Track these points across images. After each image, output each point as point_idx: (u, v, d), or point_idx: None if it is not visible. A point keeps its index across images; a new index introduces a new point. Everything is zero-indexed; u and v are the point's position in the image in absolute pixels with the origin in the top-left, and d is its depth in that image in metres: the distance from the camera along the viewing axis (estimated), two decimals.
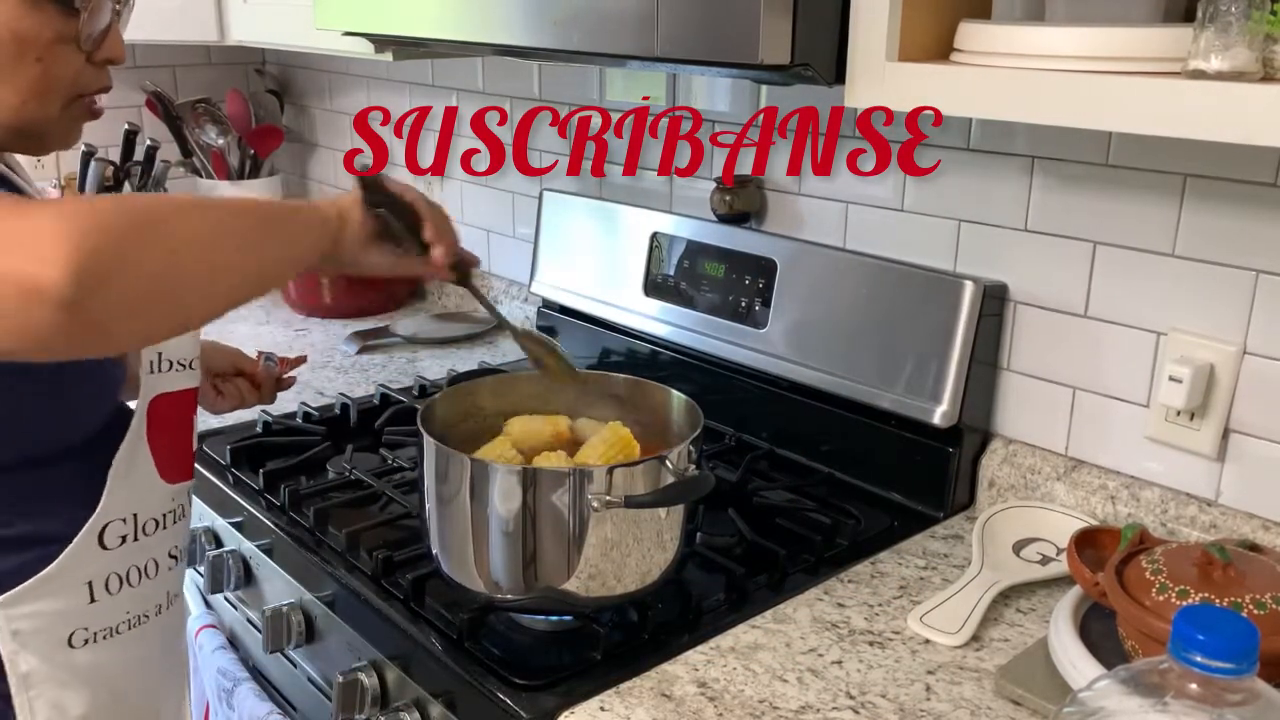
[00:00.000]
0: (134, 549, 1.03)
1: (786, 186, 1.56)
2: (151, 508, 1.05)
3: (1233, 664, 0.63)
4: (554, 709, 0.99)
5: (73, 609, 1.00)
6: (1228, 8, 0.82)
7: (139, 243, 0.76)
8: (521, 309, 2.05)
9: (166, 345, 1.04)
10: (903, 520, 1.34)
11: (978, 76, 0.96)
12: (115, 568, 1.02)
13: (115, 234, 0.74)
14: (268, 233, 0.92)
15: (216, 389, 1.33)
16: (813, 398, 1.46)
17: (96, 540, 1.00)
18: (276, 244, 0.93)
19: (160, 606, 1.08)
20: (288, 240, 0.95)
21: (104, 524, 1.00)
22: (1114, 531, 1.10)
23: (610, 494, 1.01)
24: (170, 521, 1.07)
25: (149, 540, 1.05)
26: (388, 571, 1.20)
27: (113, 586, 1.02)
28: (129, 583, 1.03)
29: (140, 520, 1.03)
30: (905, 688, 1.02)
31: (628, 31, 1.09)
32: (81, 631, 1.00)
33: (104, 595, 1.01)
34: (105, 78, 0.99)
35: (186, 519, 1.12)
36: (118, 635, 1.04)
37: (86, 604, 1.00)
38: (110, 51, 0.97)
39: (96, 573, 1.00)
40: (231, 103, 2.48)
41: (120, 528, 1.01)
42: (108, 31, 0.96)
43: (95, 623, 1.02)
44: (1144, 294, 1.22)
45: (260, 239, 0.91)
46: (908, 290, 1.36)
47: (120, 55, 0.99)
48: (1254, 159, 1.11)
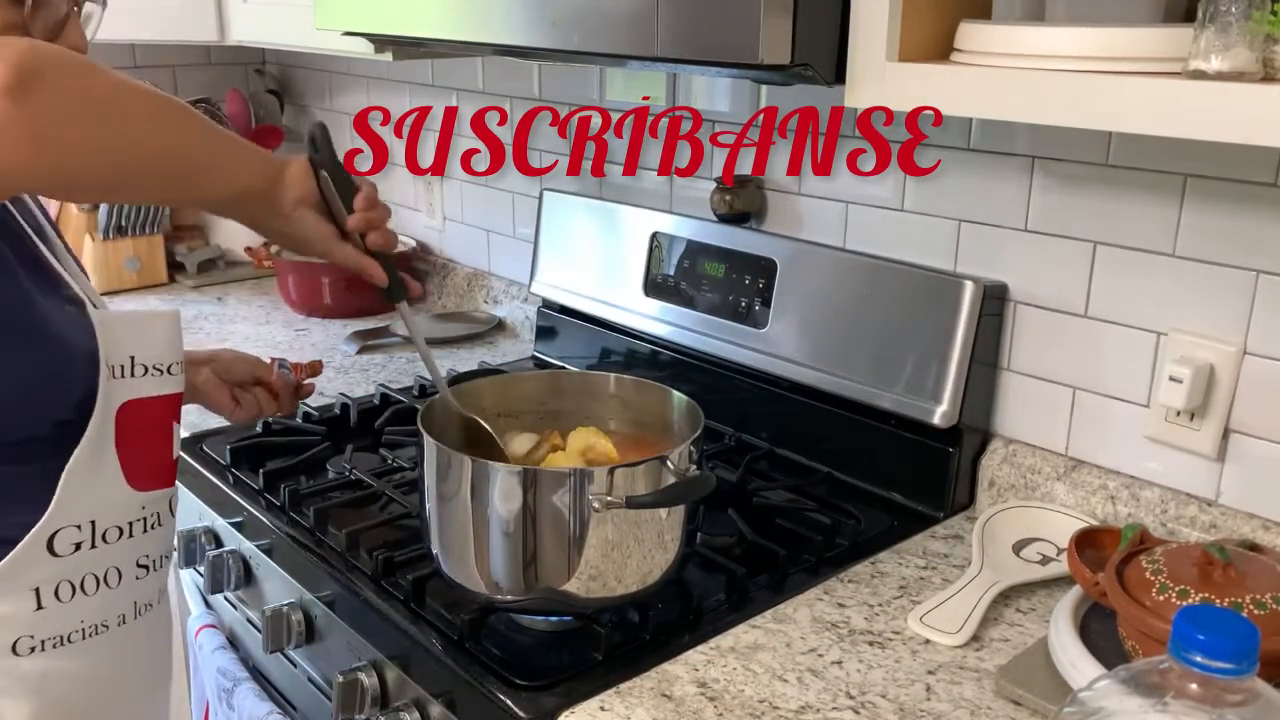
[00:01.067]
0: (90, 556, 0.99)
1: (786, 186, 1.56)
2: (113, 515, 1.01)
3: (1233, 664, 0.63)
4: (554, 709, 0.99)
5: (17, 615, 0.96)
6: (1228, 8, 0.82)
7: (78, 72, 0.83)
8: (521, 309, 2.05)
9: (139, 349, 1.01)
10: (903, 520, 1.34)
11: (978, 76, 0.96)
12: (67, 575, 0.98)
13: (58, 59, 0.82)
14: (206, 134, 0.94)
15: (235, 399, 1.31)
16: (813, 398, 1.46)
17: (45, 546, 0.96)
18: (211, 148, 0.95)
19: (125, 616, 1.04)
20: (225, 154, 0.96)
21: (55, 529, 0.96)
22: (1114, 531, 1.10)
23: (611, 494, 1.01)
24: (140, 530, 1.03)
25: (110, 548, 1.01)
26: (388, 571, 1.20)
27: (64, 594, 0.98)
28: (84, 591, 0.99)
29: (99, 528, 0.99)
30: (905, 688, 1.02)
31: (628, 31, 1.09)
32: (26, 639, 0.97)
33: (53, 603, 0.98)
34: None
35: (165, 527, 1.08)
36: (70, 644, 1.00)
37: (33, 611, 0.97)
38: (69, 43, 0.96)
39: (44, 579, 0.97)
40: (231, 103, 2.48)
41: (74, 534, 0.97)
42: (64, 23, 0.96)
43: (43, 630, 0.98)
44: (1144, 294, 1.22)
45: (199, 133, 0.93)
46: (908, 290, 1.36)
47: (81, 48, 0.98)
48: (1254, 159, 1.11)
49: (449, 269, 2.24)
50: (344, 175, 1.05)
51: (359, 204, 1.06)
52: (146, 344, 1.01)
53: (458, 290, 2.22)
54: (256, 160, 0.99)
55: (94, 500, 0.99)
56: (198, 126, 0.93)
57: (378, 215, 1.07)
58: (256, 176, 0.99)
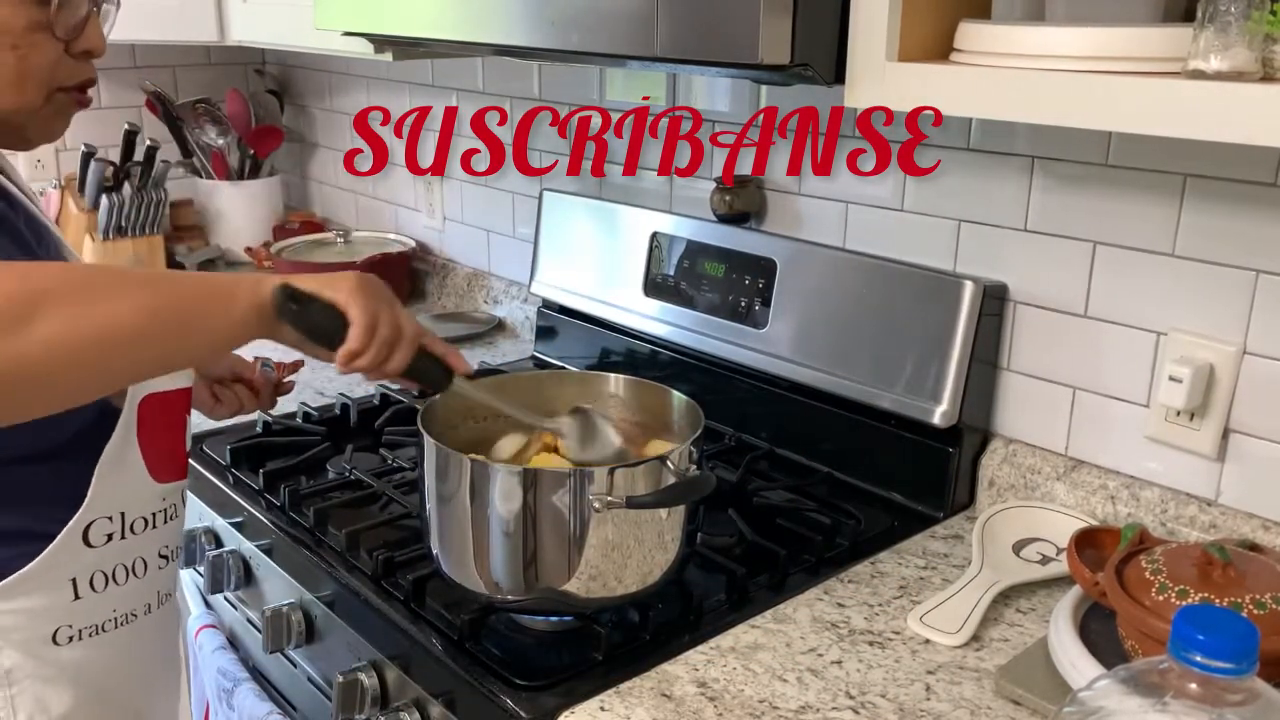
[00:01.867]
0: (121, 547, 1.03)
1: (786, 186, 1.56)
2: (140, 507, 1.05)
3: (1233, 664, 0.63)
4: (554, 709, 0.99)
5: (57, 606, 1.00)
6: (1227, 8, 0.82)
7: (69, 299, 0.81)
8: (521, 309, 2.05)
9: None
10: (903, 520, 1.34)
11: (977, 76, 0.96)
12: (101, 566, 1.02)
13: (50, 288, 0.81)
14: (187, 326, 0.89)
15: (215, 395, 1.32)
16: (813, 398, 1.46)
17: (81, 538, 1.00)
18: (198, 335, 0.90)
19: (150, 605, 1.08)
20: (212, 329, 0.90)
21: (89, 521, 1.00)
22: (1114, 531, 1.10)
23: (611, 494, 1.01)
24: (161, 521, 1.07)
25: (137, 539, 1.05)
26: (388, 572, 1.20)
27: (98, 584, 1.02)
28: (115, 581, 1.04)
29: (128, 519, 1.03)
30: (905, 688, 1.02)
31: (627, 31, 1.09)
32: (66, 629, 1.01)
33: (89, 593, 1.02)
34: (87, 70, 1.00)
35: (180, 519, 1.12)
36: (104, 633, 1.04)
37: (71, 601, 1.00)
38: (89, 43, 0.98)
39: (81, 570, 1.01)
40: (231, 103, 2.48)
41: (106, 526, 1.01)
42: (85, 22, 0.97)
43: (80, 620, 1.02)
44: (1144, 294, 1.22)
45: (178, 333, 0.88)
46: (908, 290, 1.36)
47: (99, 47, 0.99)
48: (1254, 159, 1.11)
49: (449, 269, 2.24)
50: (321, 330, 0.94)
51: (338, 361, 0.95)
52: None
53: (458, 290, 2.22)
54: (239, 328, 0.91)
55: (123, 492, 1.03)
56: (177, 329, 0.88)
57: (362, 365, 0.95)
58: (243, 339, 0.92)
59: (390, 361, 0.96)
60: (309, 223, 2.54)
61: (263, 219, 2.51)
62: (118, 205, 2.26)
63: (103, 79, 2.49)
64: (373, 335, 0.94)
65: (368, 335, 0.93)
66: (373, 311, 0.94)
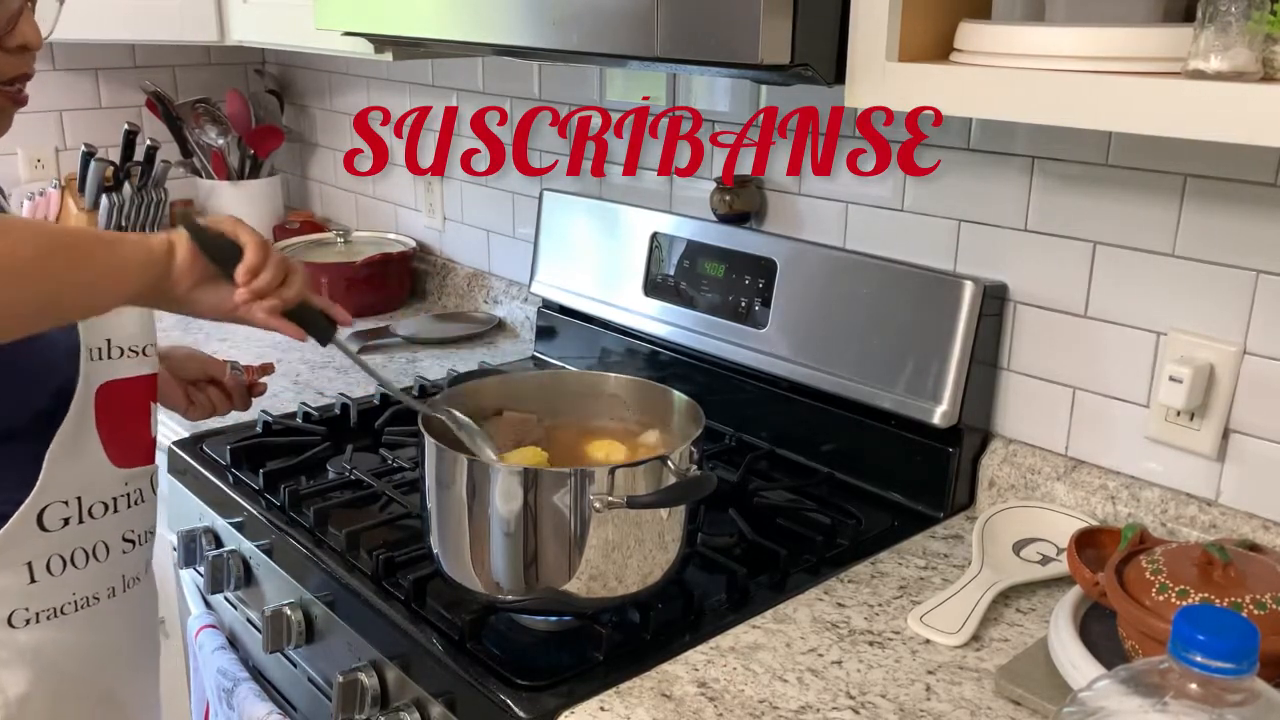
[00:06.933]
0: (79, 531, 1.04)
1: (786, 186, 1.56)
2: (99, 491, 1.05)
3: (1233, 664, 0.63)
4: (554, 709, 0.99)
5: (11, 589, 1.00)
6: (1228, 8, 0.82)
7: None
8: (521, 309, 2.05)
9: (114, 332, 1.05)
10: (903, 520, 1.34)
11: (977, 76, 0.96)
12: (57, 549, 1.03)
13: None
14: (77, 265, 0.91)
15: (189, 398, 1.33)
16: (813, 398, 1.46)
17: (35, 521, 1.00)
18: (82, 279, 0.92)
19: (115, 589, 1.09)
20: (99, 280, 0.93)
21: (43, 505, 1.01)
22: (1114, 531, 1.10)
23: (612, 494, 1.01)
24: (124, 505, 1.08)
25: (97, 524, 1.05)
26: (388, 572, 1.20)
27: (55, 568, 1.03)
28: (74, 565, 1.04)
29: (85, 503, 1.04)
30: (905, 688, 1.02)
31: (627, 31, 1.09)
32: (22, 611, 1.01)
33: (45, 576, 1.02)
34: (24, 64, 0.99)
35: (148, 503, 1.13)
36: (63, 616, 1.04)
37: (26, 584, 1.01)
38: (23, 37, 0.97)
39: (37, 554, 1.01)
40: (231, 103, 2.48)
41: (62, 510, 1.02)
42: (19, 16, 0.97)
43: (36, 604, 1.02)
44: (1144, 294, 1.22)
45: (70, 270, 0.90)
46: (908, 290, 1.36)
47: (35, 41, 0.99)
48: (1254, 159, 1.11)
49: (449, 269, 2.24)
50: (222, 252, 0.99)
51: (239, 277, 0.99)
52: (121, 327, 1.05)
53: (458, 290, 2.22)
54: (133, 269, 0.95)
55: (79, 477, 1.03)
56: (66, 262, 0.90)
57: (263, 284, 0.99)
58: (137, 283, 0.95)
59: (288, 286, 1.00)
60: (309, 223, 2.54)
61: (263, 219, 2.51)
62: (118, 205, 2.26)
63: (103, 79, 2.49)
64: (267, 253, 0.99)
65: (262, 250, 0.99)
66: (262, 239, 1.01)
